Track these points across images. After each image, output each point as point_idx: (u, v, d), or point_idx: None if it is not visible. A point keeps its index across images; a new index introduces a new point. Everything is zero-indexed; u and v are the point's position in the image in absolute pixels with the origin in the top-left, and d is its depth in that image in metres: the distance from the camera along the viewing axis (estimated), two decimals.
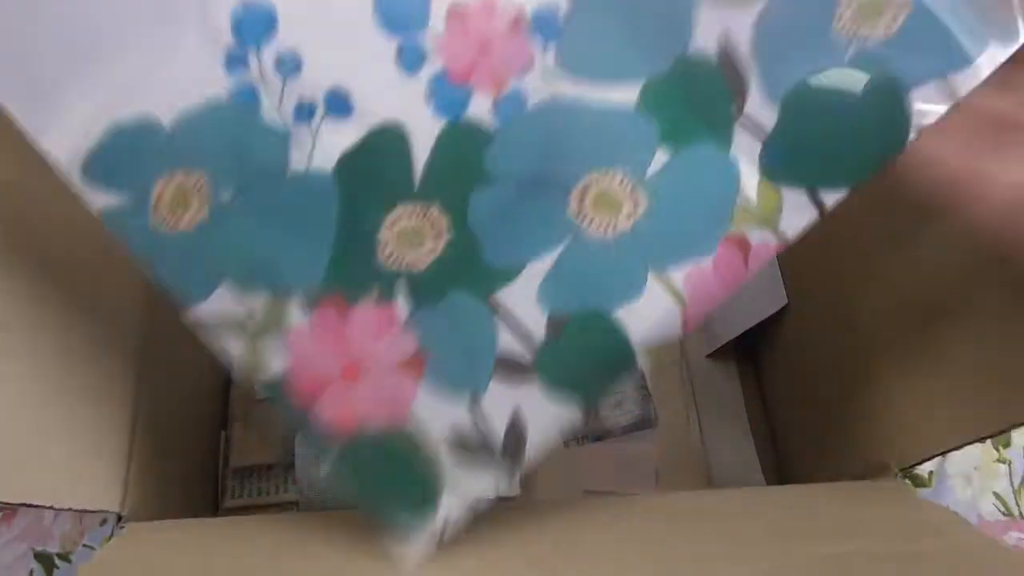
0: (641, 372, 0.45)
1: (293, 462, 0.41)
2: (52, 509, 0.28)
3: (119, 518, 0.31)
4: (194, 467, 0.41)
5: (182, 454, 0.40)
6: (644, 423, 0.44)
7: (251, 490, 0.41)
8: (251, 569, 0.29)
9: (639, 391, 0.45)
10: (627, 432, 0.44)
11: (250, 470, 0.42)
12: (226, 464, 0.42)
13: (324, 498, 0.40)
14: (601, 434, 0.44)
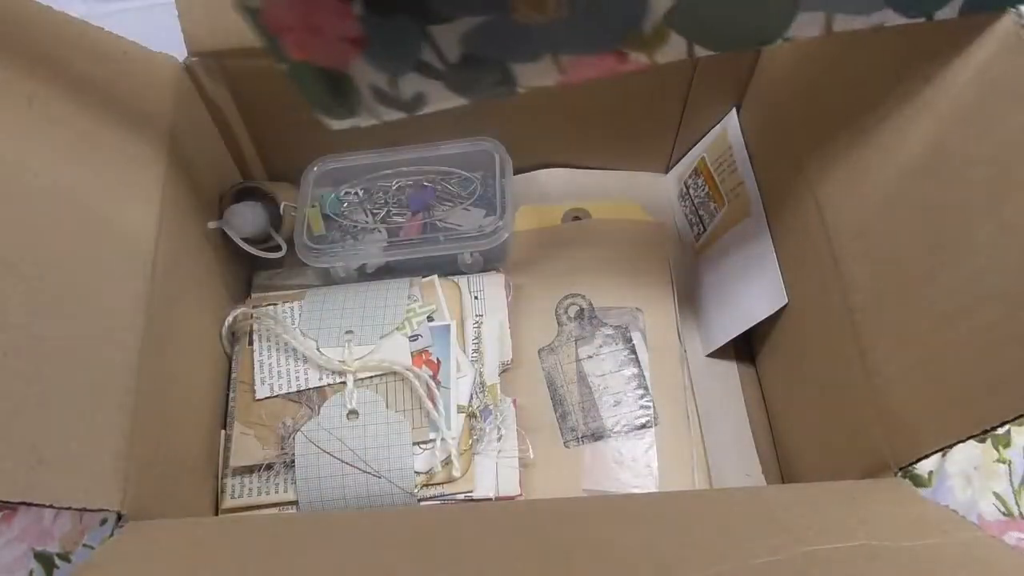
0: (641, 371, 0.45)
1: (293, 462, 0.41)
2: (52, 508, 0.28)
3: (119, 517, 0.31)
4: (194, 467, 0.41)
5: (182, 454, 0.40)
6: (644, 423, 0.44)
7: (251, 490, 0.41)
8: (251, 569, 0.29)
9: (639, 391, 0.45)
10: (627, 432, 0.44)
11: (250, 470, 0.42)
12: (226, 464, 0.42)
13: (324, 498, 0.40)
14: (601, 434, 0.44)
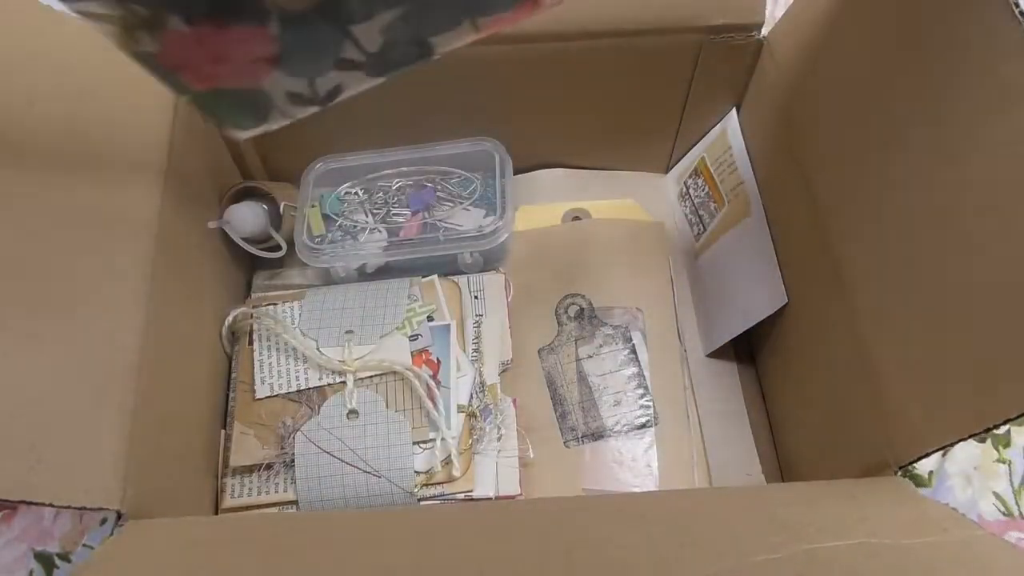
0: (641, 371, 0.45)
1: (293, 462, 0.41)
2: (52, 507, 0.28)
3: (119, 516, 0.31)
4: (194, 467, 0.41)
5: (182, 454, 0.40)
6: (644, 423, 0.44)
7: (251, 490, 0.41)
8: (250, 568, 0.29)
9: (639, 391, 0.45)
10: (627, 432, 0.44)
11: (250, 470, 0.42)
12: (226, 464, 0.42)
13: (324, 498, 0.40)
14: (601, 434, 0.44)
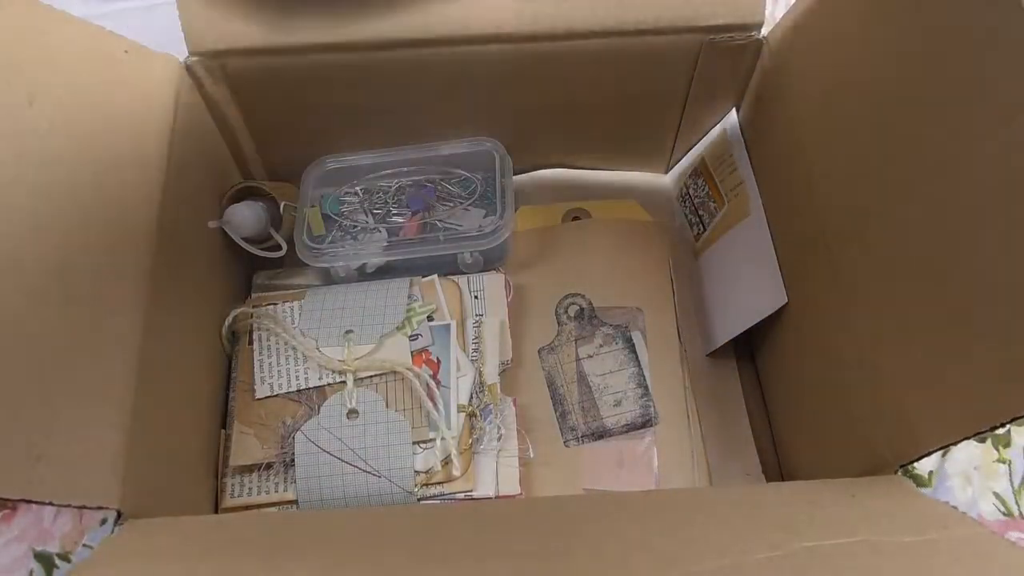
0: (641, 371, 0.45)
1: (293, 461, 0.41)
2: (51, 505, 0.28)
3: (118, 515, 0.31)
4: (194, 467, 0.41)
5: (182, 453, 0.40)
6: (644, 423, 0.44)
7: (251, 489, 0.41)
8: (250, 568, 0.29)
9: (639, 391, 0.45)
10: (627, 431, 0.44)
11: (250, 469, 0.42)
12: (226, 463, 0.42)
13: (324, 497, 0.40)
14: (601, 433, 0.44)
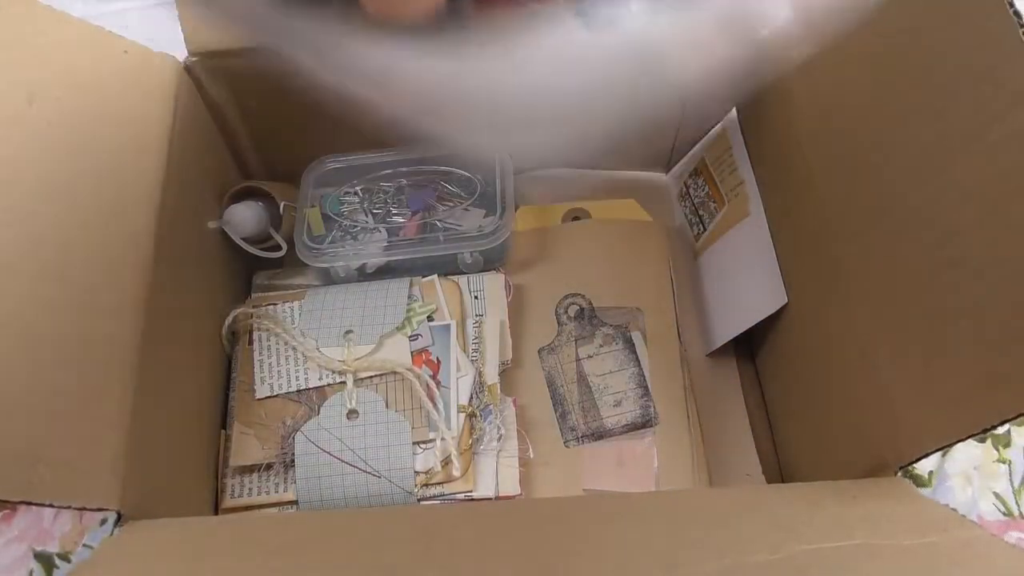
0: (641, 371, 0.45)
1: (293, 462, 0.41)
2: (51, 507, 0.28)
3: (118, 516, 0.31)
4: (194, 467, 0.41)
5: (182, 454, 0.40)
6: (644, 423, 0.44)
7: (251, 490, 0.41)
8: (250, 568, 0.29)
9: (639, 391, 0.45)
10: (627, 432, 0.44)
11: (250, 470, 0.42)
12: (226, 464, 0.42)
13: (324, 498, 0.40)
14: (601, 433, 0.44)
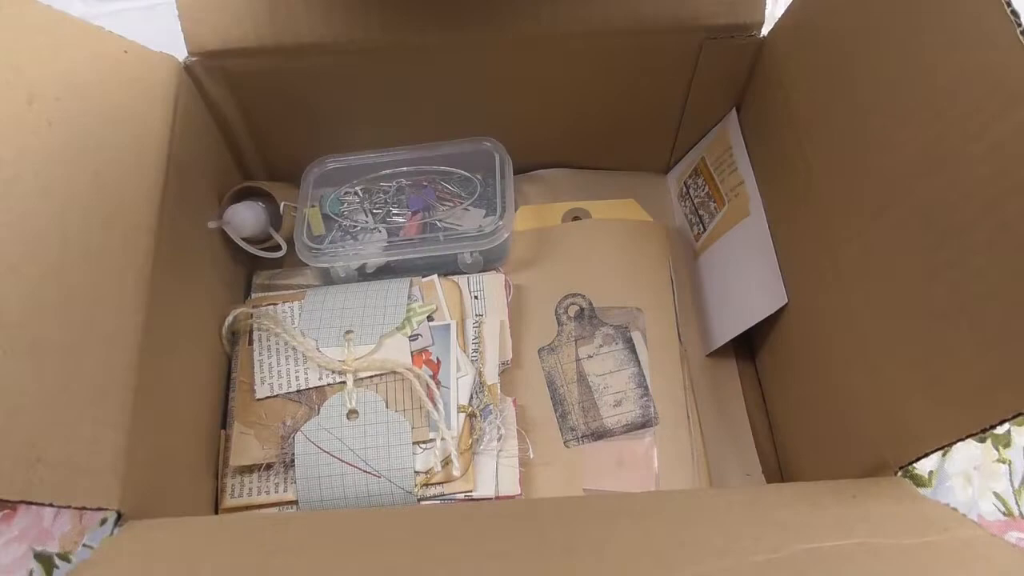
0: (641, 371, 0.45)
1: (293, 462, 0.41)
2: (51, 507, 0.28)
3: (119, 516, 0.31)
4: (194, 467, 0.41)
5: (182, 454, 0.40)
6: (644, 423, 0.44)
7: (251, 490, 0.41)
8: (250, 568, 0.29)
9: (639, 391, 0.45)
10: (627, 432, 0.44)
11: (250, 470, 0.42)
12: (226, 464, 0.42)
13: (324, 498, 0.40)
14: (601, 433, 0.44)
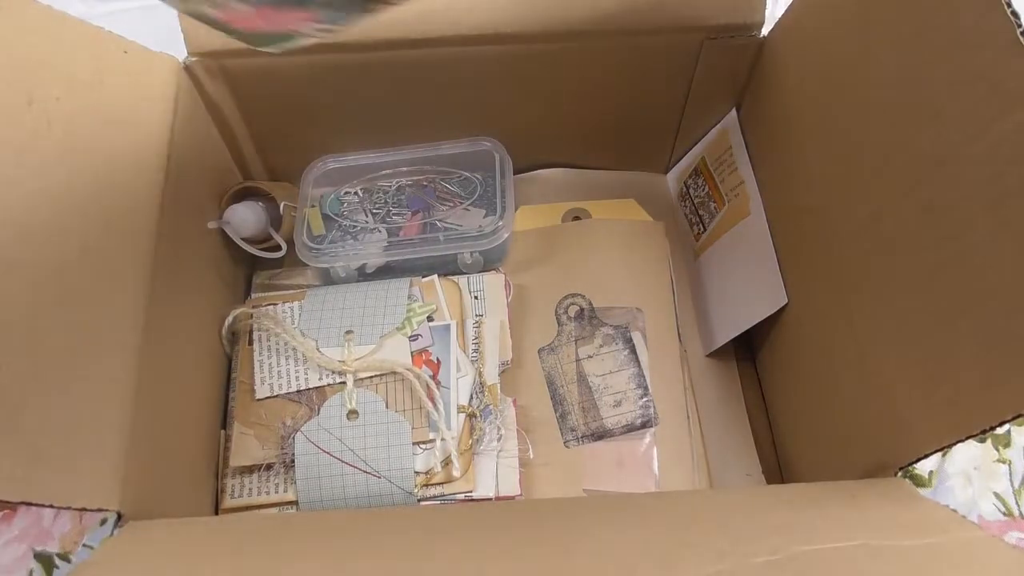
0: (641, 371, 0.45)
1: (293, 462, 0.41)
2: (51, 507, 0.28)
3: (119, 517, 0.31)
4: (194, 467, 0.41)
5: (182, 454, 0.40)
6: (644, 423, 0.44)
7: (251, 490, 0.41)
8: (250, 568, 0.29)
9: (639, 391, 0.45)
10: (627, 432, 0.44)
11: (250, 470, 0.42)
12: (226, 464, 0.42)
13: (324, 498, 0.40)
14: (601, 434, 0.44)
